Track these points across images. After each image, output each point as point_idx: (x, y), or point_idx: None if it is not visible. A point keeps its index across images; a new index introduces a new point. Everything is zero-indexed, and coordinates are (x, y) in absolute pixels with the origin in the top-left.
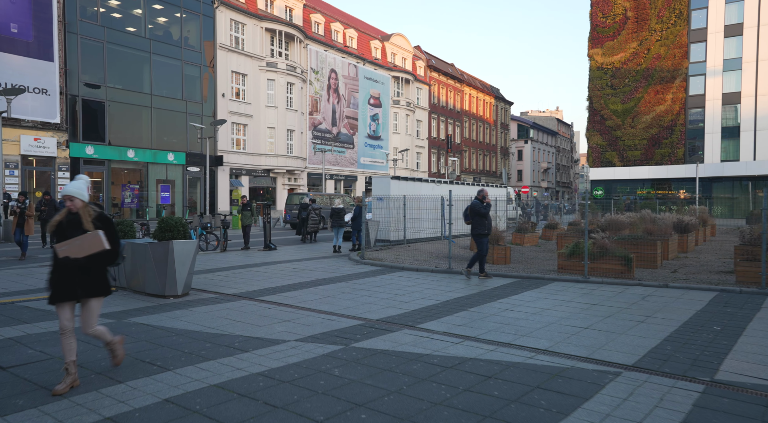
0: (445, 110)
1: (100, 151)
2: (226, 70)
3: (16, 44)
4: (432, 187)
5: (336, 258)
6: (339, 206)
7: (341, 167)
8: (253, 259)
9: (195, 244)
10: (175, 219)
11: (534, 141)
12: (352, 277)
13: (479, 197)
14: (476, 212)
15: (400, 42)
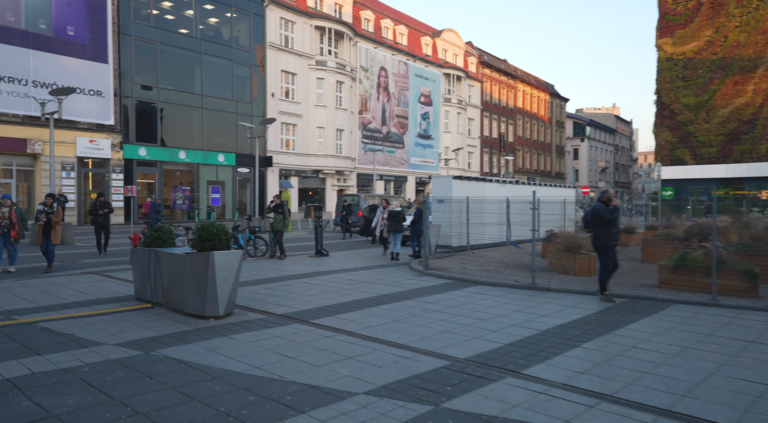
0: (497, 108)
1: (152, 152)
2: (276, 70)
3: (72, 47)
4: (496, 187)
5: (395, 267)
6: (397, 209)
7: (391, 167)
8: (304, 267)
9: (239, 255)
10: (217, 225)
11: (591, 139)
12: (419, 293)
13: (603, 199)
14: (600, 218)
15: (452, 38)
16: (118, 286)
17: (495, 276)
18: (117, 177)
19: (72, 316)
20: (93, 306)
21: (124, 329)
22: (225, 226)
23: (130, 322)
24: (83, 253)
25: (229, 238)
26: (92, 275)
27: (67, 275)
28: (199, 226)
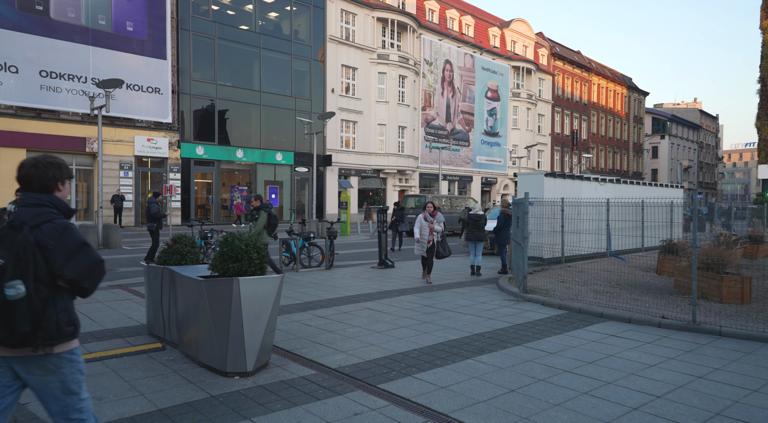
0: (570, 103)
1: (209, 151)
2: (336, 64)
3: (131, 43)
4: (594, 187)
5: (480, 286)
6: (478, 213)
7: (455, 167)
8: (366, 283)
9: (278, 283)
10: (246, 238)
11: (672, 136)
12: (527, 332)
13: None
14: None
15: (521, 28)
16: (138, 308)
17: (616, 302)
18: (174, 176)
19: None
20: (88, 344)
21: (105, 396)
22: (259, 240)
23: (121, 378)
24: (127, 259)
25: (263, 256)
26: (118, 290)
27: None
28: (222, 240)
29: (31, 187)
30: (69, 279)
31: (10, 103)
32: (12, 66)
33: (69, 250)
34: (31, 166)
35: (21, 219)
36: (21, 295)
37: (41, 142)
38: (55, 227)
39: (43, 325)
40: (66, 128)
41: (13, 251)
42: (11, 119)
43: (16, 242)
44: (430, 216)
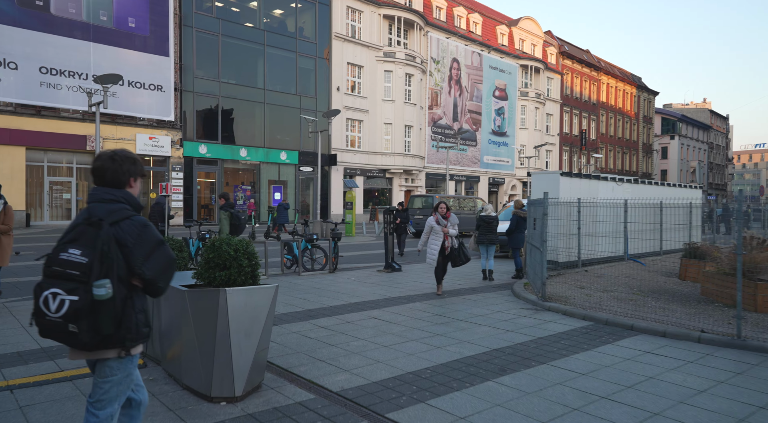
0: (579, 102)
1: (213, 150)
2: (342, 62)
3: (133, 39)
4: (612, 187)
5: (493, 292)
6: (491, 214)
7: (462, 167)
8: (372, 288)
9: (272, 294)
10: (236, 243)
11: (682, 136)
12: (551, 347)
13: None
14: None
15: (530, 26)
16: None
17: (643, 312)
18: (177, 176)
19: (10, 383)
20: (62, 359)
21: None
22: (250, 244)
23: None
24: None
25: (255, 263)
26: None
27: None
28: (209, 245)
29: (104, 180)
30: (147, 278)
31: (10, 100)
32: (11, 62)
33: (148, 248)
34: (107, 158)
35: (98, 215)
36: (109, 294)
37: (41, 140)
38: (134, 224)
39: (126, 326)
40: (66, 126)
41: (96, 249)
42: (10, 117)
43: (99, 239)
44: (443, 218)
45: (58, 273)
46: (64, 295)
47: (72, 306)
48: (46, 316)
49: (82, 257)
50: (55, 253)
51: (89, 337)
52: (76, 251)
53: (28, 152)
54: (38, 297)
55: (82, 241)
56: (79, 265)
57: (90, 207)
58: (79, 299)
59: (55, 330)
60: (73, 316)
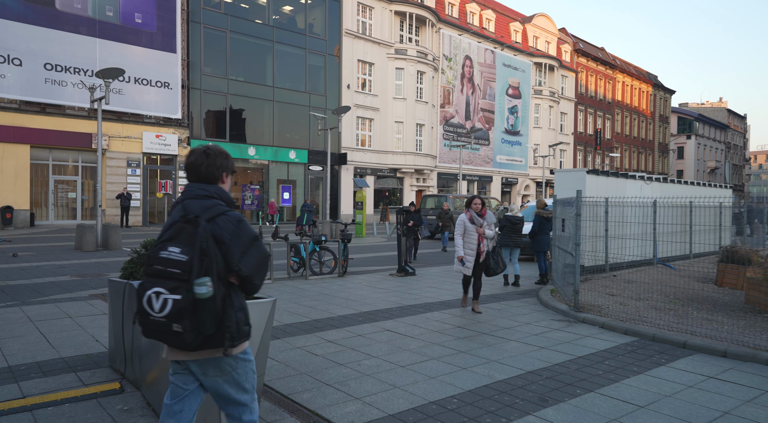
0: (593, 101)
1: None
2: (352, 59)
3: (139, 35)
4: (640, 186)
5: (517, 299)
6: (517, 215)
7: (475, 166)
8: (384, 294)
9: (268, 310)
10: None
11: (699, 136)
12: (596, 370)
13: None
14: None
15: (544, 23)
16: None
17: (688, 324)
18: (184, 175)
19: None
20: (28, 381)
21: None
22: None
23: None
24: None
25: None
26: (97, 300)
27: (63, 300)
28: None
29: (198, 175)
30: (244, 275)
31: (14, 97)
32: (15, 58)
33: (244, 244)
34: (201, 153)
35: (193, 212)
36: (210, 293)
37: (46, 138)
38: (230, 220)
39: (227, 325)
40: (72, 123)
41: (195, 246)
42: (15, 114)
43: (198, 237)
44: (478, 216)
45: (159, 272)
46: (167, 294)
47: (175, 305)
48: (150, 315)
49: (181, 255)
50: (155, 251)
51: (192, 337)
52: (175, 249)
53: (33, 150)
54: (141, 296)
55: (181, 239)
56: (180, 263)
57: (185, 204)
58: (181, 298)
59: (158, 330)
60: (177, 315)
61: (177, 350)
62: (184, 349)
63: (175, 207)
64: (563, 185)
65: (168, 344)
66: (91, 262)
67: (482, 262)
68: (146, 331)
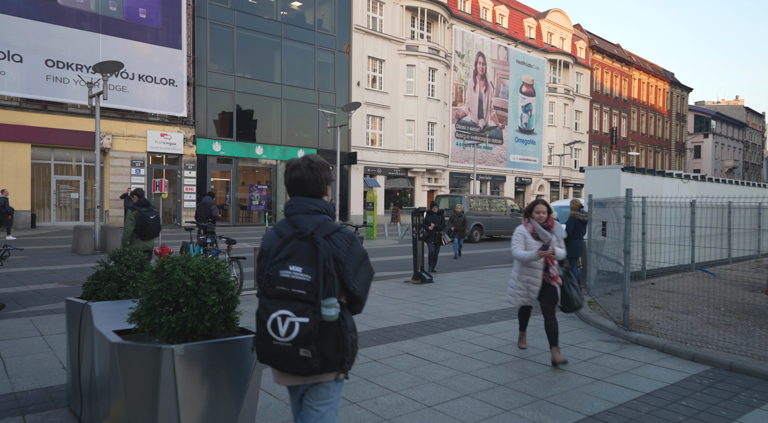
0: (609, 99)
1: (227, 147)
2: (362, 56)
3: (144, 31)
4: (677, 185)
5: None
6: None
7: (488, 166)
8: (400, 306)
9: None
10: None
11: (716, 134)
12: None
13: None
14: None
15: (558, 19)
16: None
17: (759, 345)
18: (189, 175)
19: None
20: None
21: None
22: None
23: None
24: None
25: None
26: None
27: (41, 313)
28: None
29: (306, 190)
30: (357, 295)
31: (14, 95)
32: (16, 55)
33: (357, 262)
34: (306, 168)
35: (307, 228)
36: (337, 315)
37: (47, 136)
38: (344, 238)
39: (344, 347)
40: (74, 122)
41: (319, 266)
42: (15, 112)
43: (320, 255)
44: (542, 228)
45: (283, 293)
46: (293, 318)
47: (303, 329)
48: (273, 340)
49: (304, 275)
50: (274, 270)
51: (318, 362)
52: (297, 268)
53: (34, 149)
54: (265, 321)
55: (299, 258)
56: (305, 283)
57: (294, 219)
58: (309, 321)
59: (280, 355)
60: (305, 339)
61: (289, 375)
62: (300, 374)
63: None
64: (595, 184)
65: (289, 371)
66: (86, 267)
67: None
68: (264, 357)
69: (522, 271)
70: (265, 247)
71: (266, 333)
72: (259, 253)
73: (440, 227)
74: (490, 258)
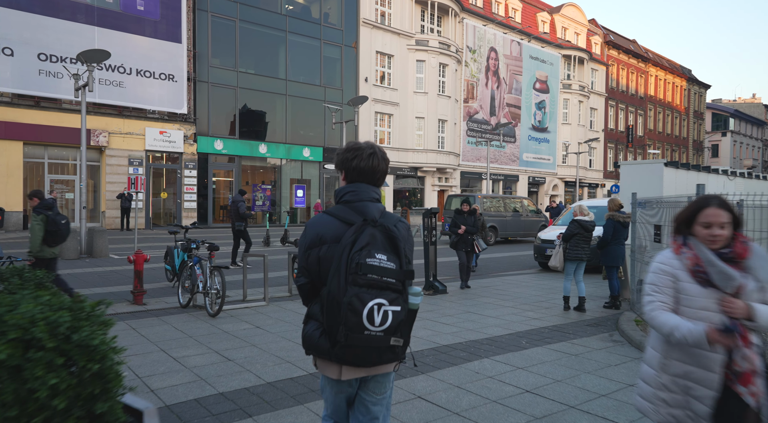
0: (625, 96)
1: (229, 146)
2: (370, 51)
3: (142, 24)
4: (722, 182)
5: (591, 334)
6: (587, 219)
7: (500, 165)
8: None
9: None
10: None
11: (734, 133)
12: None
13: None
14: None
15: (573, 13)
16: None
17: None
18: (190, 174)
19: None
20: None
21: None
22: (90, 312)
23: None
24: (104, 273)
25: (108, 370)
26: None
27: None
28: None
29: (374, 178)
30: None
31: (5, 90)
32: (7, 48)
33: (412, 252)
34: (382, 158)
35: (375, 216)
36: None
37: (40, 134)
38: (405, 227)
39: (408, 335)
40: (68, 119)
41: (398, 254)
42: (6, 108)
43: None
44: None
45: (375, 281)
46: (387, 306)
47: (396, 317)
48: (366, 330)
49: (389, 263)
50: (361, 257)
51: (402, 351)
52: (382, 256)
53: (27, 147)
54: (360, 311)
55: (378, 245)
56: (393, 271)
57: (359, 206)
58: (400, 310)
59: (371, 345)
60: (396, 328)
61: (355, 368)
62: (373, 365)
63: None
64: (633, 181)
65: (373, 362)
66: (65, 273)
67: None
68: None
69: (670, 354)
70: (324, 234)
71: (360, 323)
72: (312, 240)
73: (473, 231)
74: (508, 263)
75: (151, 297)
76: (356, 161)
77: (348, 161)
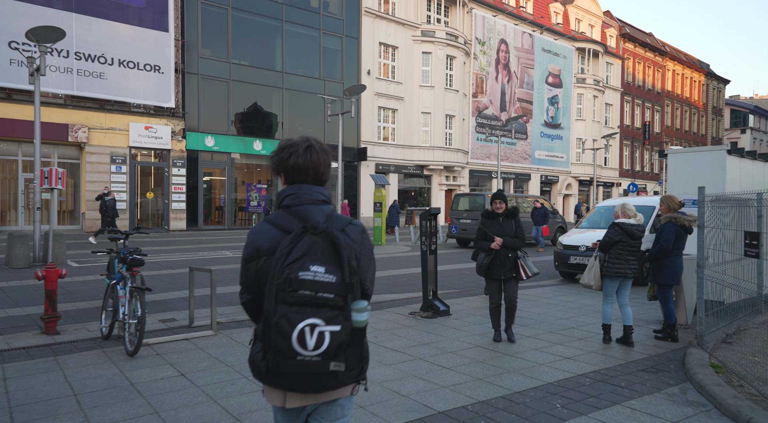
0: (641, 91)
1: (221, 142)
2: (373, 42)
3: (125, 11)
4: None
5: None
6: (633, 222)
7: (511, 163)
8: (405, 367)
9: None
10: None
11: (754, 130)
12: None
13: None
14: None
15: (587, 5)
16: None
17: None
18: (179, 172)
19: None
20: None
21: None
22: None
23: None
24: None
25: None
26: None
27: None
28: None
29: (317, 177)
30: (370, 294)
31: None
32: None
33: (369, 257)
34: (321, 151)
35: (318, 221)
36: (367, 320)
37: (12, 129)
38: (357, 230)
39: (364, 355)
40: (44, 113)
41: (340, 264)
42: None
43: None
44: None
45: (308, 298)
46: (323, 326)
47: (335, 339)
48: (299, 355)
49: (328, 275)
50: (293, 272)
51: (347, 376)
52: (319, 268)
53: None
54: (289, 334)
55: (317, 256)
56: (331, 285)
57: (299, 210)
58: (341, 329)
59: (306, 372)
60: (336, 351)
61: (301, 395)
62: (318, 392)
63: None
64: (688, 172)
65: (313, 390)
66: (11, 286)
67: None
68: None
69: None
70: (262, 245)
71: (290, 348)
72: (250, 252)
73: (515, 244)
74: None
75: (79, 321)
76: (293, 159)
77: (284, 161)
